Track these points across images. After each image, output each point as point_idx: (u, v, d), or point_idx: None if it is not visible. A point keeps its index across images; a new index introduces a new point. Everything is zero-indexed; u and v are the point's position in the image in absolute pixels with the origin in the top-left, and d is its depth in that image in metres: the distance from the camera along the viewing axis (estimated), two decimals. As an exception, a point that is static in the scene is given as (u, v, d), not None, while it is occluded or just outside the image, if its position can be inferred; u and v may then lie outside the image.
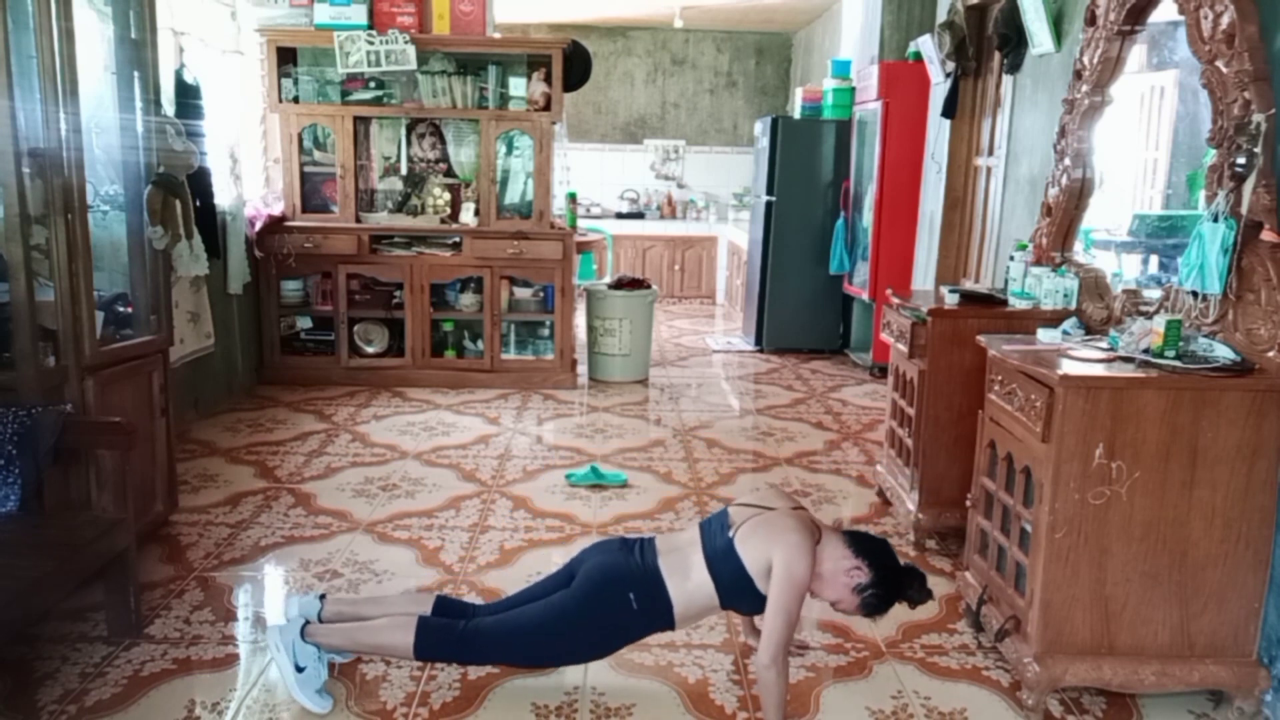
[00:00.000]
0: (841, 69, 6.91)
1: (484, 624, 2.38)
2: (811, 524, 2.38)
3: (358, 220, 5.55)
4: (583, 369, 6.01)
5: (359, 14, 5.27)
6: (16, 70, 2.50)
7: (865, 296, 6.34)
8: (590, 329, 5.95)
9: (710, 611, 2.40)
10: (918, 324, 3.31)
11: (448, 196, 5.73)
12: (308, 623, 2.41)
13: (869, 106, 6.21)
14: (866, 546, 2.36)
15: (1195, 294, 2.59)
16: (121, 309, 3.17)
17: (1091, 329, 2.97)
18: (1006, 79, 4.52)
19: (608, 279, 6.36)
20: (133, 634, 2.62)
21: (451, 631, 2.35)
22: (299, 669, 2.32)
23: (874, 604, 2.34)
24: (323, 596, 2.54)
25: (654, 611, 2.34)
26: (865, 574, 2.31)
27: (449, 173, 5.84)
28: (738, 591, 2.32)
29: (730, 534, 2.34)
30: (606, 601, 2.35)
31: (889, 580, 2.33)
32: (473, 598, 2.89)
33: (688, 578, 2.34)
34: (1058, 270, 3.35)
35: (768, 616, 2.23)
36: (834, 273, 6.76)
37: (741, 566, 2.29)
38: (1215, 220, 2.48)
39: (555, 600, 2.40)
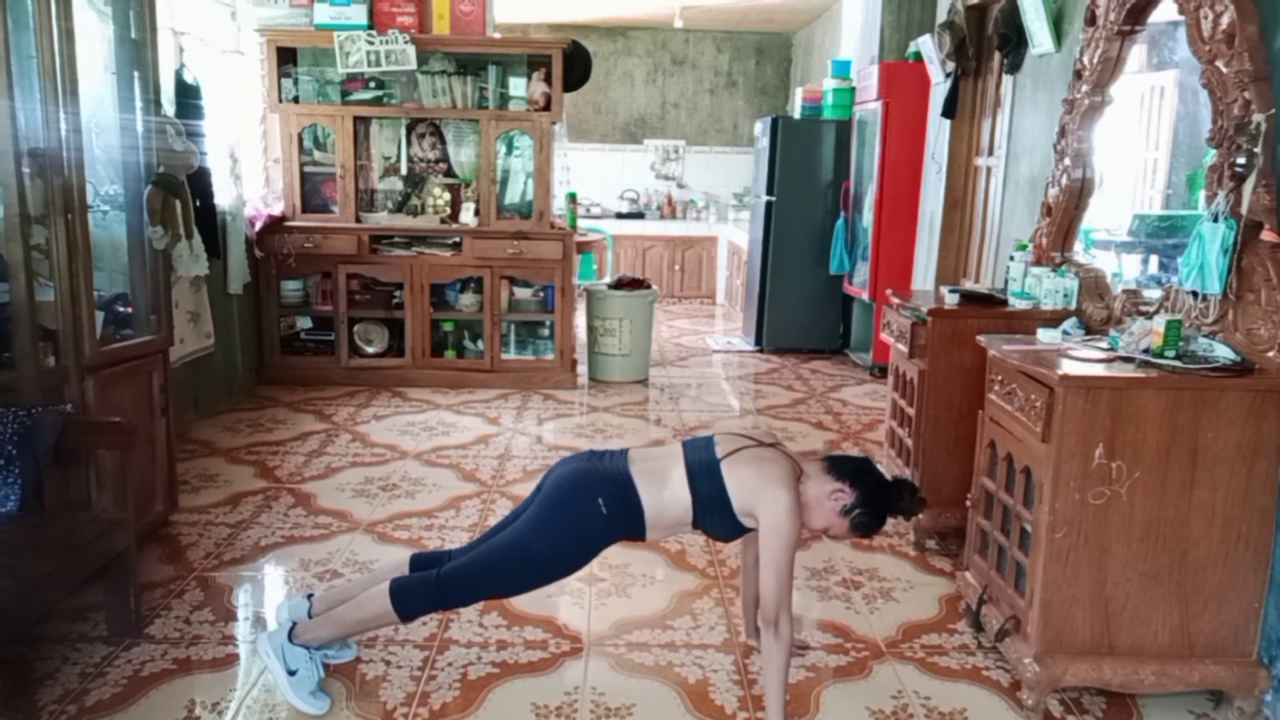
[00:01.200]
0: (841, 69, 6.92)
1: (457, 565, 2.36)
2: (793, 464, 2.37)
3: (358, 220, 5.55)
4: (583, 369, 6.01)
5: (359, 14, 5.27)
6: (16, 70, 2.50)
7: (865, 296, 6.34)
8: (590, 329, 5.96)
9: (681, 525, 2.35)
10: (918, 324, 3.31)
11: (448, 196, 5.73)
12: (295, 624, 2.41)
13: (869, 106, 6.21)
14: (847, 468, 2.37)
15: (1195, 294, 2.59)
16: (121, 309, 3.17)
17: (1091, 329, 2.97)
18: (1006, 79, 4.52)
19: (608, 279, 6.36)
20: (133, 634, 2.62)
21: (427, 583, 2.33)
22: (291, 672, 2.32)
23: (865, 523, 2.34)
24: (310, 596, 2.55)
25: (626, 516, 2.31)
26: (849, 495, 2.32)
27: (449, 173, 5.84)
28: (713, 510, 2.30)
29: (718, 454, 2.32)
30: (576, 509, 2.31)
31: (875, 496, 2.34)
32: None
33: (665, 487, 2.32)
34: (1058, 270, 3.35)
35: (761, 573, 2.23)
36: (834, 273, 6.77)
37: (723, 488, 2.28)
38: (1215, 220, 2.48)
39: (524, 520, 2.37)
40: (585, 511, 2.31)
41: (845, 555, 3.34)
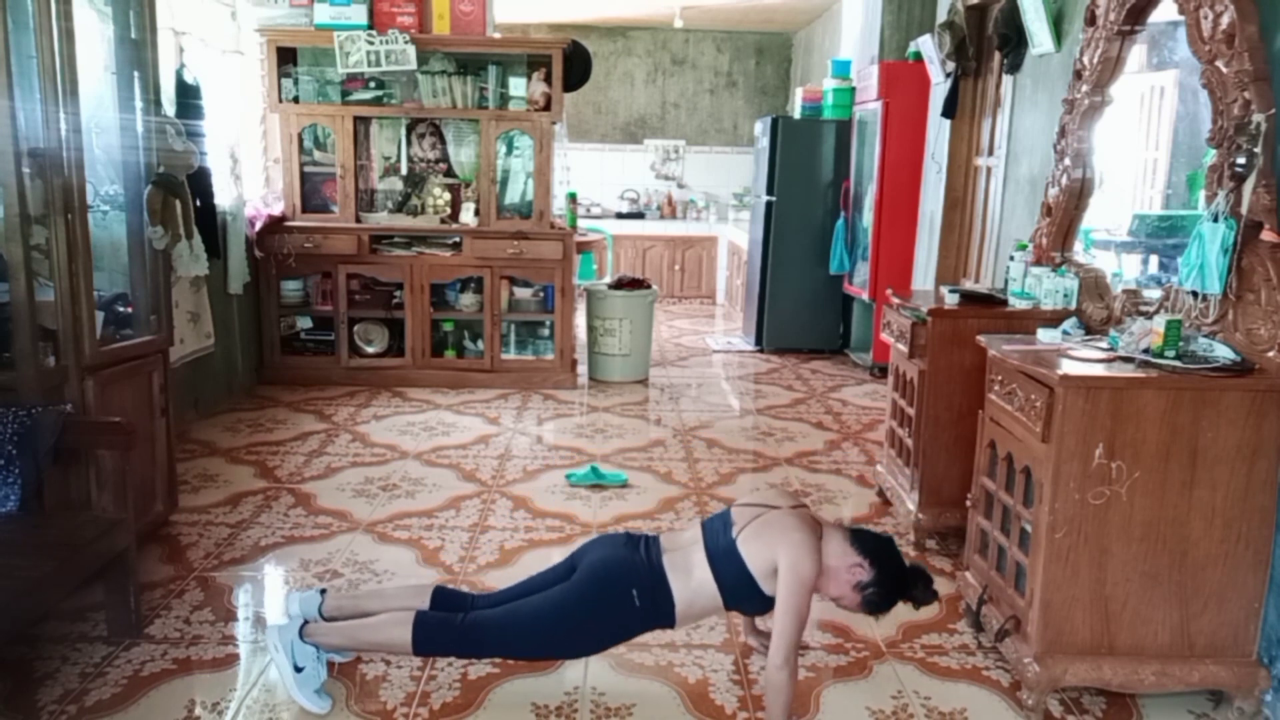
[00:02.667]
0: (841, 69, 6.91)
1: (482, 617, 2.36)
2: (813, 521, 2.38)
3: (358, 220, 5.55)
4: (583, 369, 6.01)
5: (359, 14, 5.27)
6: (16, 70, 2.50)
7: (865, 296, 6.34)
8: (590, 329, 5.95)
9: (713, 611, 2.40)
10: (918, 324, 3.31)
11: (448, 196, 5.73)
12: (307, 622, 2.41)
13: (869, 106, 6.21)
14: (869, 545, 2.35)
15: (1195, 294, 2.59)
16: (121, 309, 3.17)
17: (1091, 329, 2.97)
18: (1006, 79, 4.52)
19: (608, 279, 6.36)
20: (133, 634, 2.62)
21: (450, 625, 2.34)
22: (298, 669, 2.32)
23: (876, 602, 2.34)
24: (323, 591, 2.54)
25: (656, 609, 2.34)
26: (867, 572, 2.31)
27: (449, 173, 5.84)
28: (741, 592, 2.32)
29: (733, 534, 2.34)
30: (609, 596, 2.34)
31: (891, 579, 2.33)
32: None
33: (690, 576, 2.34)
34: (1058, 270, 3.35)
35: (777, 617, 2.22)
36: (834, 273, 6.76)
37: (744, 567, 2.29)
38: (1215, 220, 2.48)
39: (556, 593, 2.38)
40: (619, 601, 2.33)
41: (845, 555, 3.34)
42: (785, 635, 2.20)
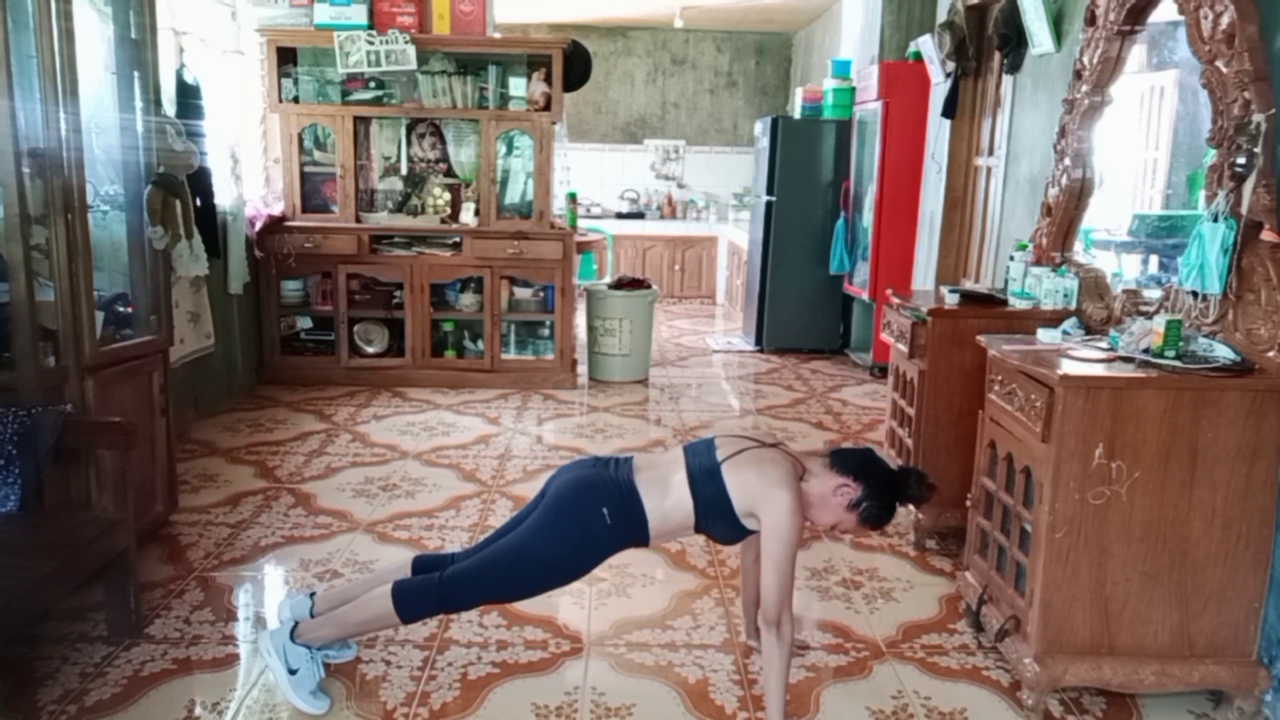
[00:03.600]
0: (841, 69, 6.91)
1: (459, 569, 2.36)
2: (795, 462, 2.35)
3: (358, 220, 5.55)
4: (583, 369, 6.01)
5: (359, 14, 5.27)
6: (16, 70, 2.50)
7: (865, 296, 6.34)
8: (590, 329, 5.95)
9: (684, 530, 2.36)
10: (918, 324, 3.31)
11: (448, 196, 5.73)
12: (297, 624, 2.41)
13: (869, 106, 6.21)
14: (851, 462, 2.35)
15: (1195, 294, 2.59)
16: (121, 309, 3.17)
17: (1091, 329, 2.97)
18: (1006, 79, 4.52)
19: (608, 279, 6.36)
20: (133, 634, 2.62)
21: (429, 586, 2.33)
22: (291, 671, 2.32)
23: (875, 515, 2.33)
24: (313, 594, 2.55)
25: (628, 525, 2.32)
26: (856, 489, 2.31)
27: (449, 173, 5.84)
28: (715, 514, 2.31)
29: (718, 457, 2.32)
30: (578, 515, 2.32)
31: (882, 486, 2.33)
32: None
33: (666, 495, 2.32)
34: (1058, 270, 3.35)
35: (763, 575, 2.23)
36: (834, 273, 6.76)
37: (725, 491, 2.28)
38: (1215, 220, 2.48)
39: (526, 526, 2.38)
40: (589, 520, 2.31)
41: (845, 555, 3.34)
42: (770, 591, 2.21)
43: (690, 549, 3.34)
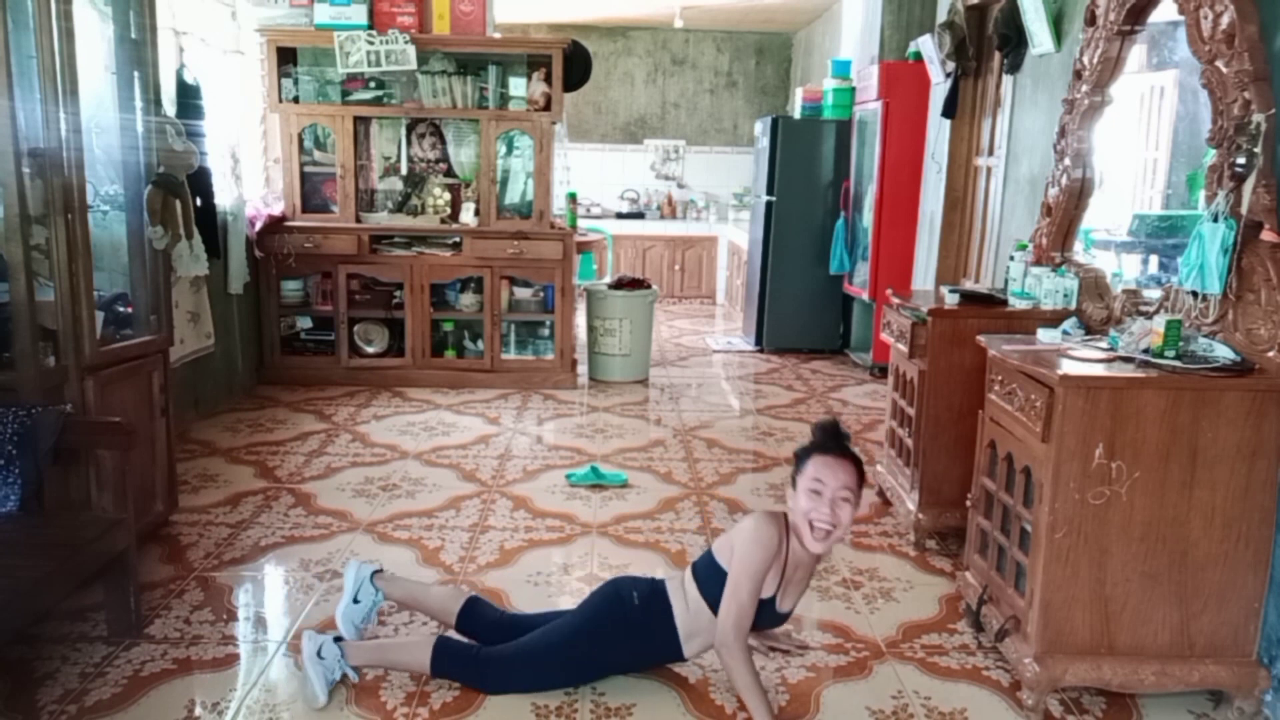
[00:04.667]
0: (841, 69, 6.91)
1: (498, 650, 2.44)
2: (777, 514, 2.40)
3: (358, 220, 5.55)
4: (583, 369, 6.01)
5: (359, 14, 5.27)
6: (16, 70, 2.50)
7: (865, 296, 6.34)
8: (590, 329, 5.95)
9: (709, 619, 2.39)
10: (918, 324, 3.31)
11: (448, 196, 5.73)
12: (340, 639, 2.49)
13: (869, 106, 6.21)
14: (801, 457, 2.37)
15: (1195, 294, 2.59)
16: (121, 309, 3.17)
17: (1091, 329, 2.97)
18: (1006, 79, 4.52)
19: (608, 279, 6.36)
20: (133, 634, 2.62)
21: (467, 656, 2.44)
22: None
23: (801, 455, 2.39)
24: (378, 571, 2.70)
25: (654, 611, 2.41)
26: (797, 470, 2.38)
27: (449, 173, 5.84)
28: (713, 581, 2.38)
29: (709, 547, 2.48)
30: (609, 598, 2.47)
31: (808, 449, 2.39)
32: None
33: (685, 595, 2.44)
34: (1058, 270, 3.35)
35: (723, 596, 2.32)
36: (834, 273, 6.77)
37: (719, 569, 2.37)
38: (1215, 220, 2.48)
39: (564, 617, 2.52)
40: (619, 601, 2.46)
41: (845, 555, 3.34)
42: (724, 614, 2.30)
43: (691, 549, 3.34)
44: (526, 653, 2.42)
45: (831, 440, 2.36)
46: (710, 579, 2.39)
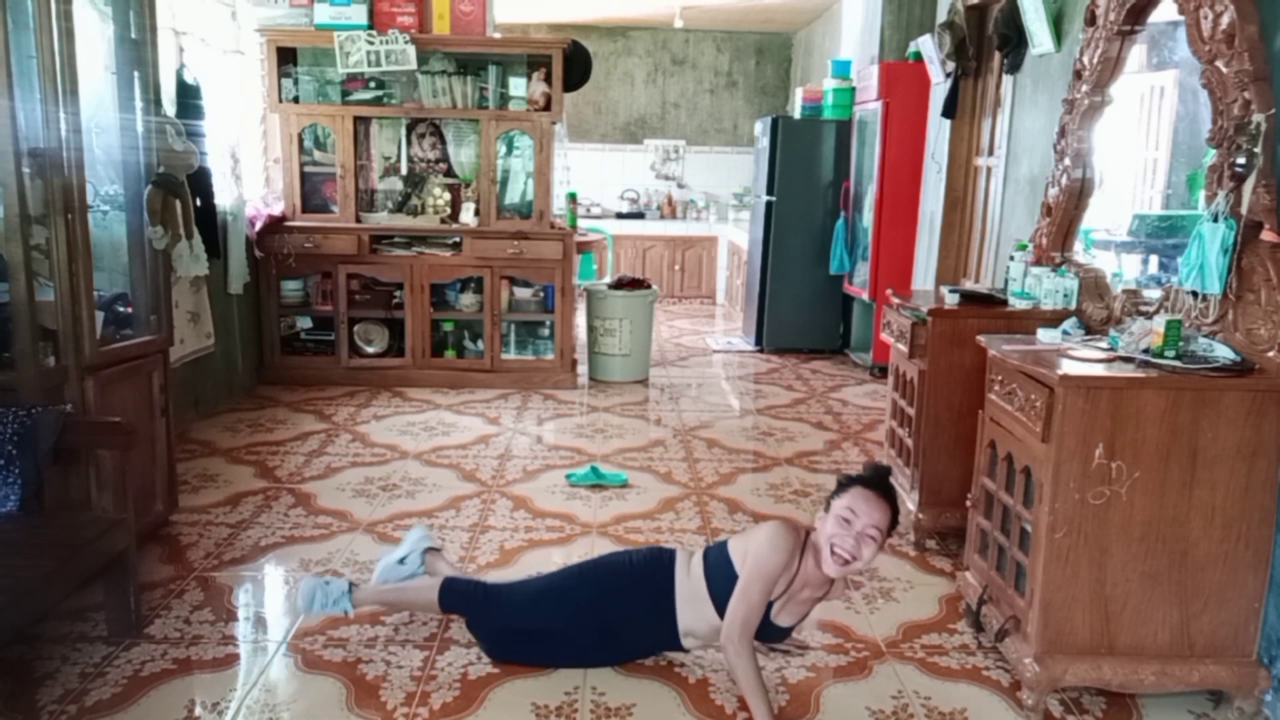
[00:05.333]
0: (841, 69, 6.91)
1: (500, 587, 2.65)
2: (799, 526, 2.44)
3: (358, 220, 5.55)
4: (583, 369, 6.01)
5: (359, 14, 5.27)
6: (16, 70, 2.50)
7: (865, 296, 6.34)
8: (590, 329, 5.95)
9: (708, 613, 2.42)
10: (918, 324, 3.31)
11: (448, 196, 5.73)
12: (354, 586, 2.68)
13: (869, 106, 6.21)
14: (834, 495, 2.40)
15: (1195, 294, 2.59)
16: (121, 309, 3.17)
17: (1091, 329, 2.97)
18: (1006, 79, 4.52)
19: (608, 279, 6.36)
20: (133, 634, 2.62)
21: (475, 586, 2.64)
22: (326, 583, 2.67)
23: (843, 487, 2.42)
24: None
25: (656, 578, 2.49)
26: (832, 502, 2.41)
27: (449, 173, 5.84)
28: (723, 584, 2.40)
29: (726, 539, 2.53)
30: (610, 557, 2.67)
31: (847, 483, 2.42)
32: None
33: (689, 573, 2.49)
34: (1058, 270, 3.35)
35: (731, 597, 2.36)
36: (834, 273, 6.77)
37: (729, 559, 2.43)
38: (1215, 220, 2.48)
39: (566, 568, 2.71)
40: (624, 554, 2.64)
41: (845, 555, 3.34)
42: (731, 615, 2.34)
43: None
44: (528, 589, 2.60)
45: (877, 479, 2.39)
46: (718, 567, 2.43)
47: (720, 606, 2.39)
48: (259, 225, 5.28)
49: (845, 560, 2.31)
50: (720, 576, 2.42)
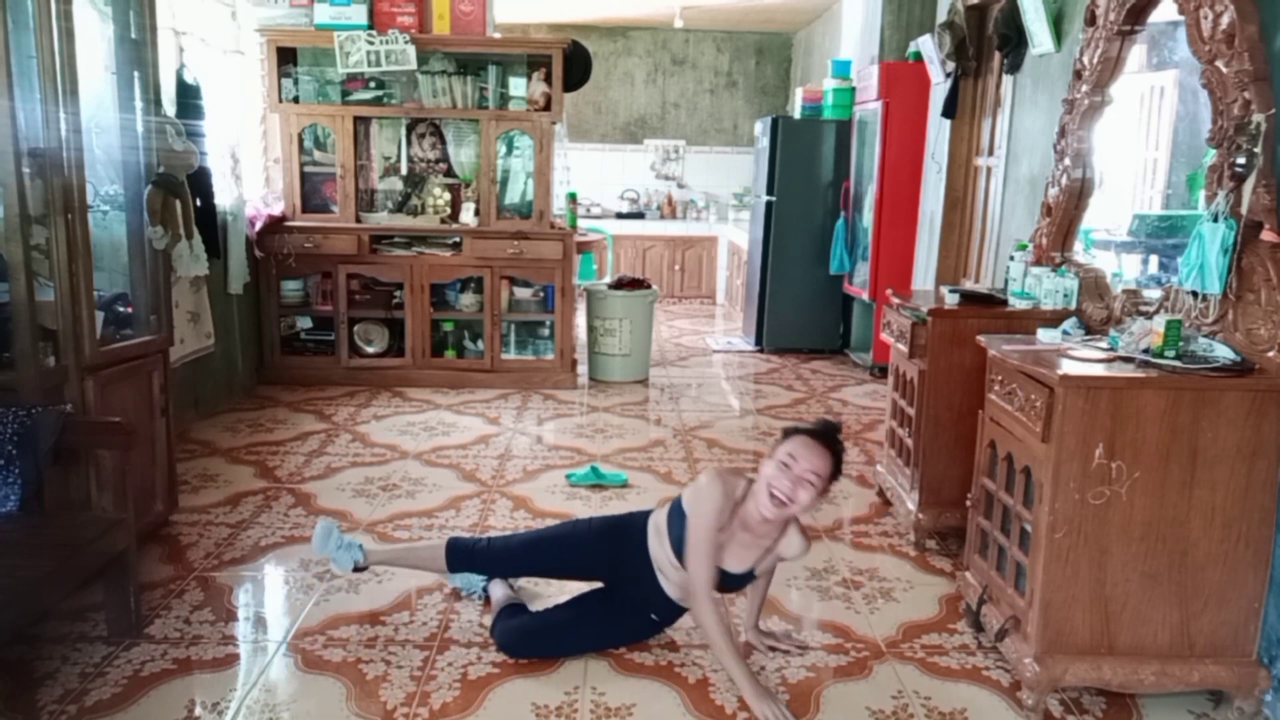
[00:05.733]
0: (841, 69, 6.91)
1: (499, 540, 2.82)
2: (737, 472, 2.57)
3: (358, 220, 5.55)
4: (583, 369, 6.01)
5: (359, 14, 5.27)
6: (16, 70, 2.50)
7: (865, 296, 6.34)
8: (590, 329, 5.95)
9: (672, 559, 2.55)
10: (918, 324, 3.31)
11: (448, 196, 5.73)
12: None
13: (869, 106, 6.21)
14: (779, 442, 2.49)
15: (1195, 294, 2.59)
16: (121, 309, 3.17)
17: (1091, 329, 2.97)
18: (1006, 79, 4.52)
19: (608, 279, 6.36)
20: (133, 634, 2.62)
21: (478, 542, 2.79)
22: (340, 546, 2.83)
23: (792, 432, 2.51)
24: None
25: (631, 531, 2.66)
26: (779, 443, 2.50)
27: (449, 173, 5.84)
28: (677, 531, 2.53)
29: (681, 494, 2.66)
30: (598, 516, 2.86)
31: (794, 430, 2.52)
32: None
33: (659, 528, 2.62)
34: (1058, 270, 3.35)
35: (685, 553, 2.49)
36: (834, 273, 6.77)
37: (683, 513, 2.54)
38: (1215, 220, 2.48)
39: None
40: (607, 515, 2.83)
41: (845, 555, 3.34)
42: (688, 567, 2.47)
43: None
44: (522, 540, 2.81)
45: (822, 429, 2.47)
46: (674, 516, 2.58)
47: (673, 535, 2.55)
48: (259, 225, 5.28)
49: (781, 502, 2.39)
50: (676, 523, 2.55)
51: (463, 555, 2.76)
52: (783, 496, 2.39)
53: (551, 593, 2.93)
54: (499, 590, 2.83)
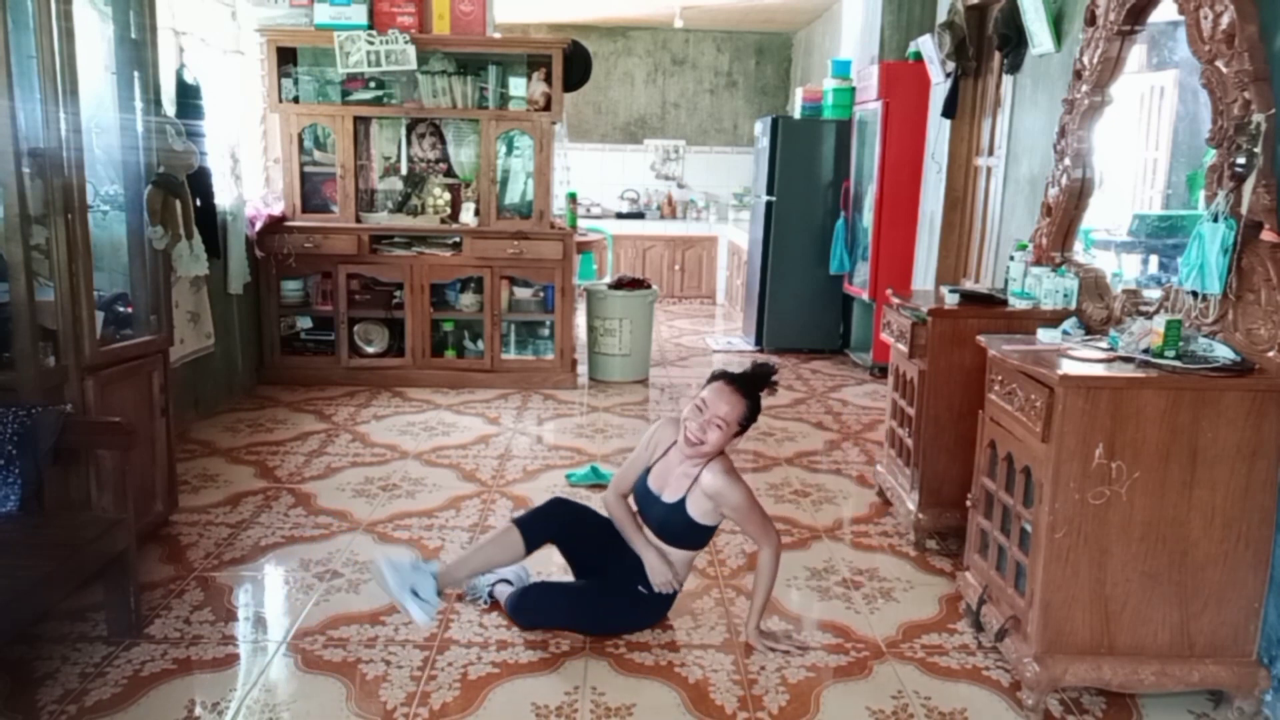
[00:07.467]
0: (841, 69, 6.91)
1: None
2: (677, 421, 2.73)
3: (358, 220, 5.55)
4: (583, 369, 6.01)
5: (359, 14, 5.27)
6: (16, 70, 2.50)
7: (865, 296, 6.34)
8: (590, 329, 5.95)
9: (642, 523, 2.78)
10: (918, 324, 3.31)
11: (448, 196, 5.73)
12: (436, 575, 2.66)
13: (869, 106, 6.21)
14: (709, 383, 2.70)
15: (1195, 294, 2.59)
16: (121, 309, 3.17)
17: (1091, 329, 2.97)
18: (1006, 79, 4.52)
19: (608, 279, 6.36)
20: (133, 634, 2.62)
21: (539, 508, 2.84)
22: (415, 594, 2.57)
23: (753, 409, 2.74)
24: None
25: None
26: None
27: (449, 173, 5.84)
28: (645, 501, 2.76)
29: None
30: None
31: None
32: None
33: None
34: (1058, 270, 3.35)
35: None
36: (834, 273, 6.76)
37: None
38: (1215, 220, 2.48)
39: None
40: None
41: (845, 555, 3.34)
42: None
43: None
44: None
45: (739, 376, 2.70)
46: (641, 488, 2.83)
47: (644, 514, 2.76)
48: (259, 225, 5.28)
49: (692, 441, 2.61)
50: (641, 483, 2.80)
51: (535, 523, 2.75)
52: (693, 437, 2.61)
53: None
54: (508, 585, 2.88)
